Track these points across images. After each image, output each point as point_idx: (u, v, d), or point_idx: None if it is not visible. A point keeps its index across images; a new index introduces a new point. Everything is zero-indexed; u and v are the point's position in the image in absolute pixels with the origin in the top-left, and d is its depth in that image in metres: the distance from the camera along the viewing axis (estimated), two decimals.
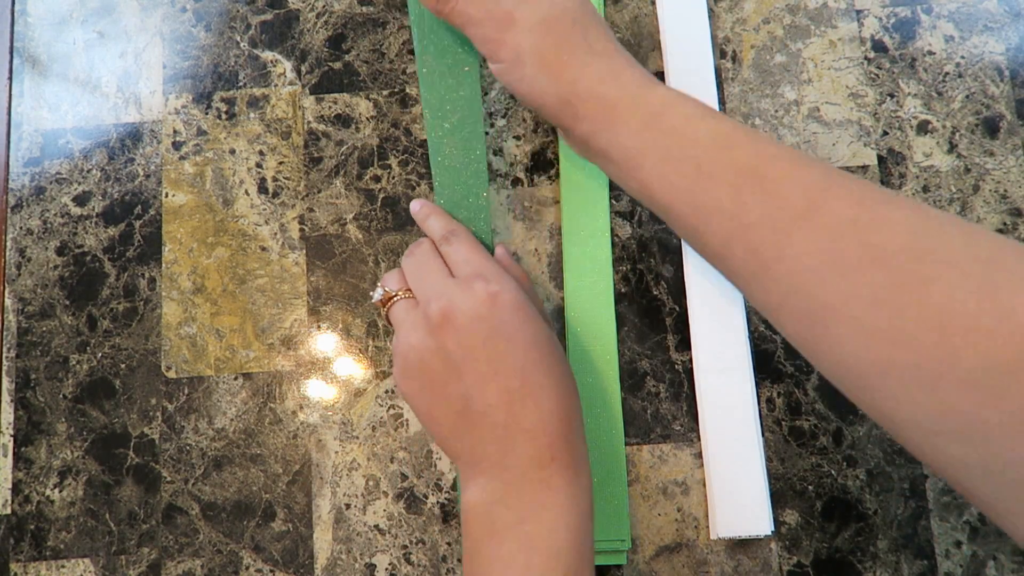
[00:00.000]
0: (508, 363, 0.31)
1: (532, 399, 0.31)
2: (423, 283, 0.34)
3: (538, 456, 0.30)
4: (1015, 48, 0.42)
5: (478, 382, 0.31)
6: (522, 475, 0.30)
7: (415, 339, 0.32)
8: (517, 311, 0.32)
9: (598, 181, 0.41)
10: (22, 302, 0.42)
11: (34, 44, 0.45)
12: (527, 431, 0.31)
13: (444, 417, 0.32)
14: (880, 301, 0.25)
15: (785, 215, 0.27)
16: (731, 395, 0.38)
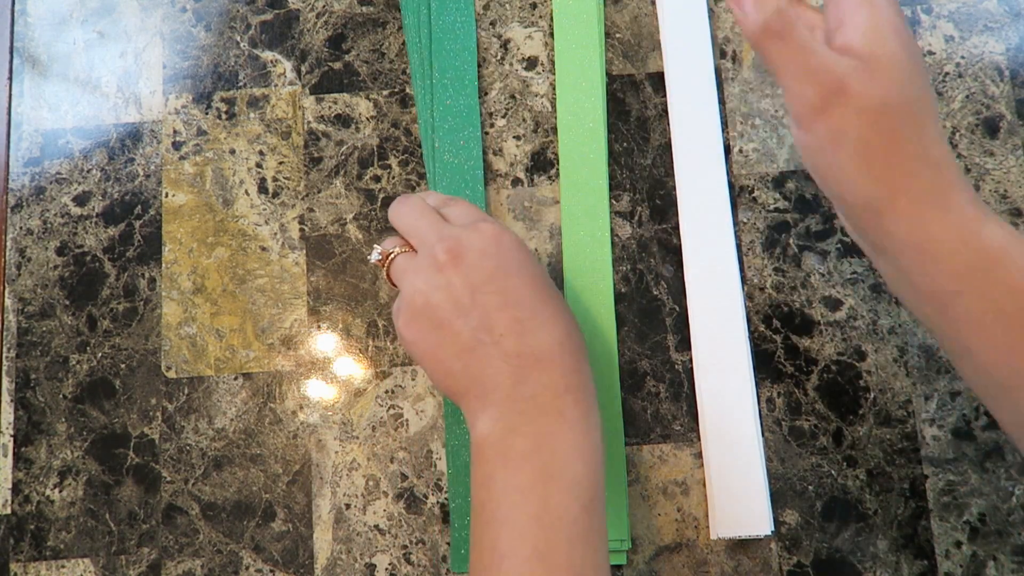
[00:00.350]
0: (517, 295, 0.31)
1: (544, 328, 0.31)
2: (423, 232, 0.33)
3: (552, 384, 0.30)
4: (1015, 48, 0.42)
5: (488, 313, 0.31)
6: (536, 404, 0.30)
7: (421, 282, 0.32)
8: (521, 250, 0.33)
9: (598, 181, 0.41)
10: (22, 302, 0.42)
11: (34, 44, 0.45)
12: (540, 360, 0.31)
13: (452, 355, 0.31)
14: None
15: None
16: (731, 395, 0.38)
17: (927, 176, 0.27)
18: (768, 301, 0.40)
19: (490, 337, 0.31)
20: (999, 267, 0.27)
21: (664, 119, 0.42)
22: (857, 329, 0.39)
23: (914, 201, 0.27)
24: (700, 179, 0.41)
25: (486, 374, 0.31)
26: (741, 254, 0.40)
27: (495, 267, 0.32)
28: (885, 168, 0.27)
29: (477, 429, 0.31)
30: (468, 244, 0.32)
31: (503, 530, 0.29)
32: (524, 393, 0.30)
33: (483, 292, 0.31)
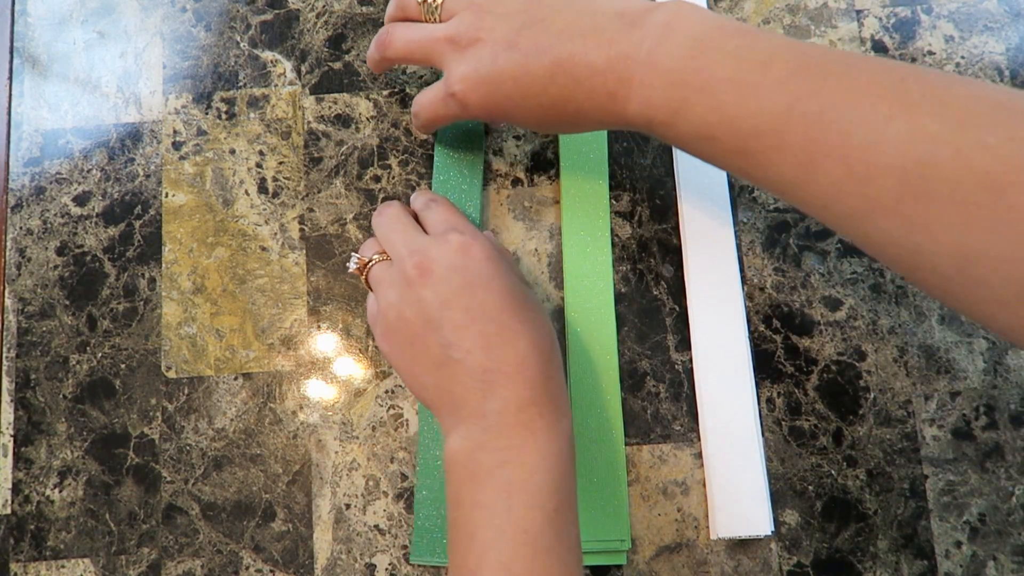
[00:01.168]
0: (484, 309, 0.31)
1: (509, 343, 0.31)
2: (396, 242, 0.34)
3: (517, 398, 0.31)
4: (1015, 48, 0.42)
5: (456, 329, 0.31)
6: (502, 419, 0.30)
7: (393, 296, 0.33)
8: (490, 261, 0.33)
9: (598, 181, 0.41)
10: (22, 302, 0.42)
11: (34, 44, 0.45)
12: (506, 374, 0.31)
13: (425, 370, 0.32)
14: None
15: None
16: (731, 395, 0.38)
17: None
18: (768, 301, 0.40)
19: (458, 353, 0.31)
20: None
21: None
22: (857, 329, 0.39)
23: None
24: (700, 179, 0.41)
25: (455, 390, 0.31)
26: (741, 254, 0.40)
27: (463, 281, 0.32)
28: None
29: (449, 445, 0.32)
30: (436, 258, 0.32)
31: (472, 545, 0.29)
32: (490, 408, 0.31)
33: (451, 307, 0.31)
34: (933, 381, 0.39)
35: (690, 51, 0.28)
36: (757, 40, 0.28)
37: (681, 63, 0.29)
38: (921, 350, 0.39)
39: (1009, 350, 0.39)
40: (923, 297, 0.39)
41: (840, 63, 0.26)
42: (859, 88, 0.25)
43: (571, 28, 0.31)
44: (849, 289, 0.40)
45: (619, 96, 0.30)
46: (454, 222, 0.35)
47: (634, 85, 0.30)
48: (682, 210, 0.40)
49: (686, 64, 0.28)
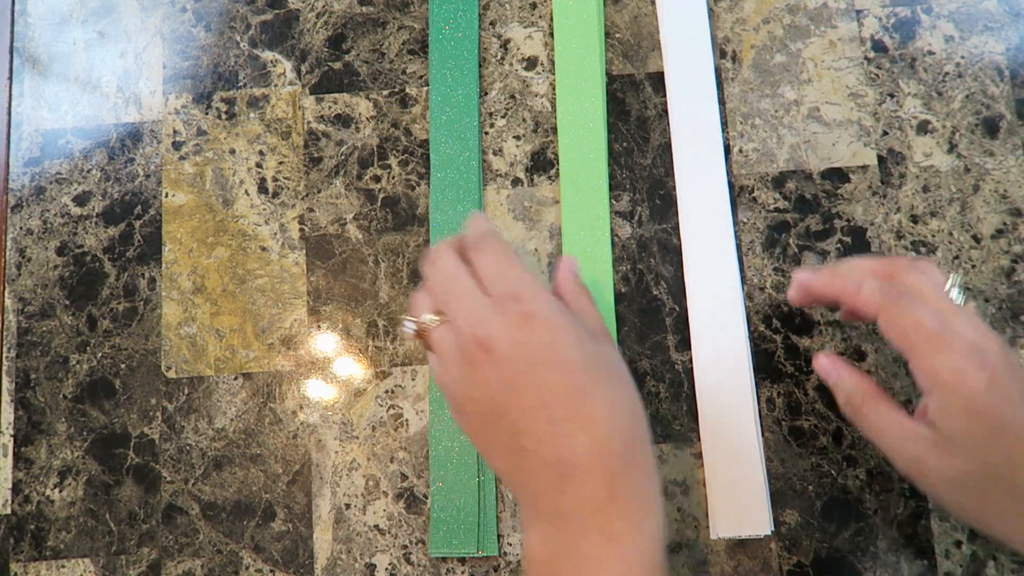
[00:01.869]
0: (553, 391, 0.28)
1: (583, 430, 0.28)
2: (454, 305, 0.31)
3: (595, 496, 0.27)
4: (1015, 48, 0.42)
5: (524, 415, 0.28)
6: (579, 522, 0.28)
7: (457, 374, 0.30)
8: (558, 332, 0.29)
9: (598, 181, 0.41)
10: (22, 302, 0.42)
11: (34, 44, 0.45)
12: (580, 467, 0.28)
13: (499, 455, 0.30)
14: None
15: None
16: (731, 395, 0.38)
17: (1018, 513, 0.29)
18: (768, 301, 0.40)
19: (529, 442, 0.28)
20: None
21: (664, 119, 0.42)
22: (857, 329, 0.39)
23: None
24: (700, 179, 0.41)
25: (529, 482, 0.29)
26: (741, 254, 0.40)
27: (527, 359, 0.29)
28: (984, 521, 0.30)
29: (527, 541, 0.29)
30: (497, 334, 0.29)
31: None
32: (565, 507, 0.28)
33: (517, 389, 0.29)
34: None
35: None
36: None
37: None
38: None
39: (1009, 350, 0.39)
40: None
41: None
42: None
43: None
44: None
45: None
46: (513, 279, 0.31)
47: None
48: (682, 210, 0.40)
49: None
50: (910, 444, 0.30)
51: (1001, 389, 0.28)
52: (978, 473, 0.29)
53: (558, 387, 0.29)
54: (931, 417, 0.29)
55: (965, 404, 0.28)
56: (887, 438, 0.31)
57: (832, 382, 0.34)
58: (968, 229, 0.40)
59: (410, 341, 0.40)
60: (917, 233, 0.40)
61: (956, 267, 0.40)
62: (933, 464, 0.30)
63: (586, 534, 0.27)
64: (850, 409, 0.33)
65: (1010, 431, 0.28)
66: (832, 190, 0.41)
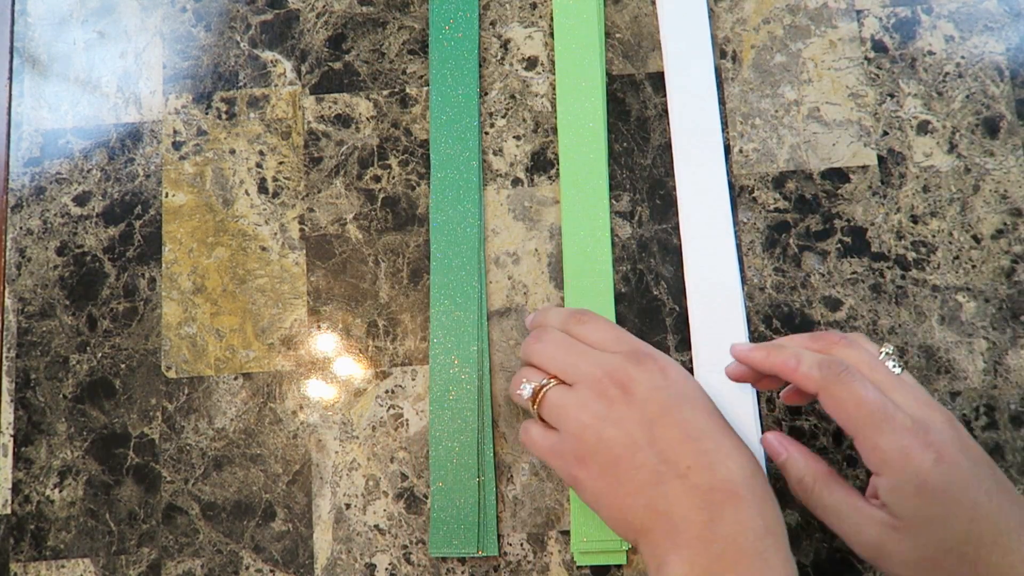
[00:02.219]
0: (697, 426, 0.30)
1: (732, 459, 0.29)
2: (579, 365, 0.32)
3: (751, 523, 0.28)
4: (1015, 48, 0.42)
5: (671, 446, 0.29)
6: (736, 547, 0.28)
7: (589, 416, 0.31)
8: (689, 381, 0.32)
9: (598, 181, 0.41)
10: (22, 302, 0.42)
11: (34, 44, 0.45)
12: (734, 495, 0.28)
13: (632, 490, 0.30)
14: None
15: None
16: (731, 395, 0.38)
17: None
18: (768, 301, 0.40)
19: (675, 471, 0.29)
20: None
21: (664, 119, 0.42)
22: (857, 329, 0.39)
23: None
24: (700, 179, 0.41)
25: (674, 510, 0.29)
26: (741, 254, 0.40)
27: (668, 398, 0.30)
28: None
29: (668, 570, 0.28)
30: (637, 377, 0.31)
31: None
32: (720, 533, 0.28)
33: (663, 424, 0.30)
34: (933, 381, 0.39)
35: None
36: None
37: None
38: (921, 350, 0.39)
39: (1009, 350, 0.39)
40: (923, 297, 0.39)
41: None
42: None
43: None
44: (849, 289, 0.40)
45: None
46: (632, 340, 0.33)
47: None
48: (682, 210, 0.40)
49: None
50: (866, 528, 0.29)
51: (949, 466, 0.27)
52: (939, 553, 0.28)
53: (701, 424, 0.30)
54: (883, 499, 0.28)
55: (915, 485, 0.28)
56: (842, 522, 0.30)
57: (780, 461, 0.32)
58: (968, 229, 0.40)
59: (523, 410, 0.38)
60: (917, 233, 0.40)
61: (956, 267, 0.40)
62: (892, 547, 0.28)
63: (744, 558, 0.27)
64: (802, 491, 0.31)
65: (964, 508, 0.27)
66: (832, 190, 0.41)
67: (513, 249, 0.41)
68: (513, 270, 0.41)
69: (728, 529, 0.28)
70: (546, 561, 0.38)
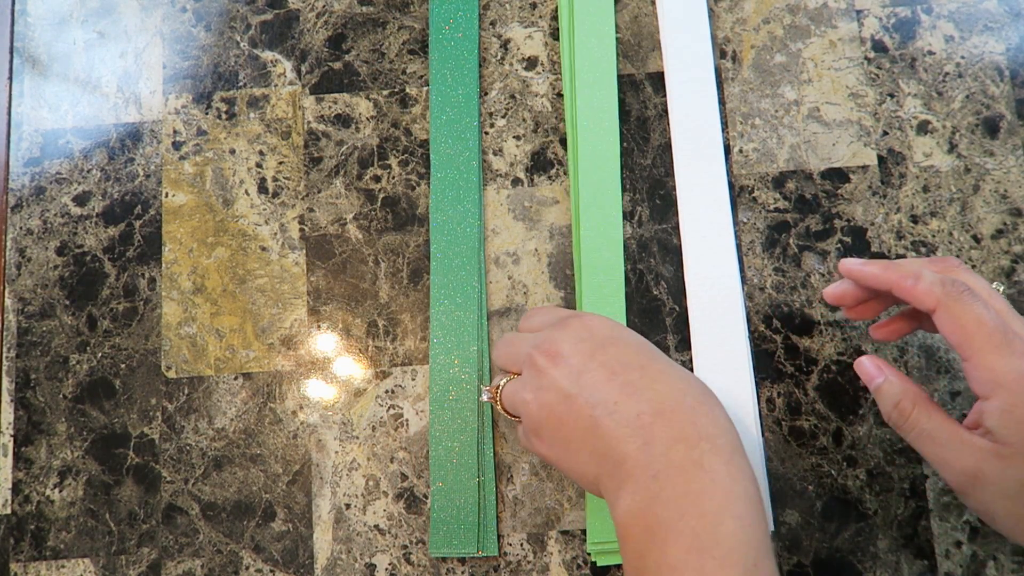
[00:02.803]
0: (623, 361, 0.30)
1: (659, 382, 0.30)
2: (518, 351, 0.33)
3: (683, 435, 0.28)
4: (1015, 48, 0.42)
5: (598, 387, 0.30)
6: (670, 462, 0.28)
7: (529, 393, 0.32)
8: (614, 326, 0.32)
9: (611, 184, 0.41)
10: (22, 302, 0.42)
11: (34, 44, 0.45)
12: (662, 412, 0.29)
13: (578, 445, 0.30)
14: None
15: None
16: (731, 395, 0.38)
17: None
18: (768, 301, 0.40)
19: (606, 410, 0.29)
20: None
21: (664, 119, 0.42)
22: (857, 329, 0.39)
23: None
24: (700, 179, 0.41)
25: (611, 447, 0.29)
26: (741, 254, 0.40)
27: (591, 346, 0.31)
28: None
29: (619, 509, 0.29)
30: (560, 339, 0.31)
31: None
32: (655, 453, 0.28)
33: (588, 370, 0.30)
34: (933, 381, 0.39)
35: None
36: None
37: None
38: (921, 350, 0.39)
39: None
40: None
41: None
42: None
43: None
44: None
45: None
46: (563, 311, 0.34)
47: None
48: (682, 210, 0.40)
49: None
50: (966, 454, 0.29)
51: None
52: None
53: (625, 357, 0.31)
54: (989, 424, 0.28)
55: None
56: (940, 448, 0.29)
57: (876, 385, 0.32)
58: (968, 229, 0.40)
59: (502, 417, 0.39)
60: (917, 233, 0.40)
61: None
62: (992, 476, 0.28)
63: (680, 473, 0.28)
64: (898, 415, 0.31)
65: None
66: (832, 190, 0.41)
67: (513, 249, 0.41)
68: (513, 270, 0.41)
69: (659, 448, 0.28)
70: (546, 561, 0.38)
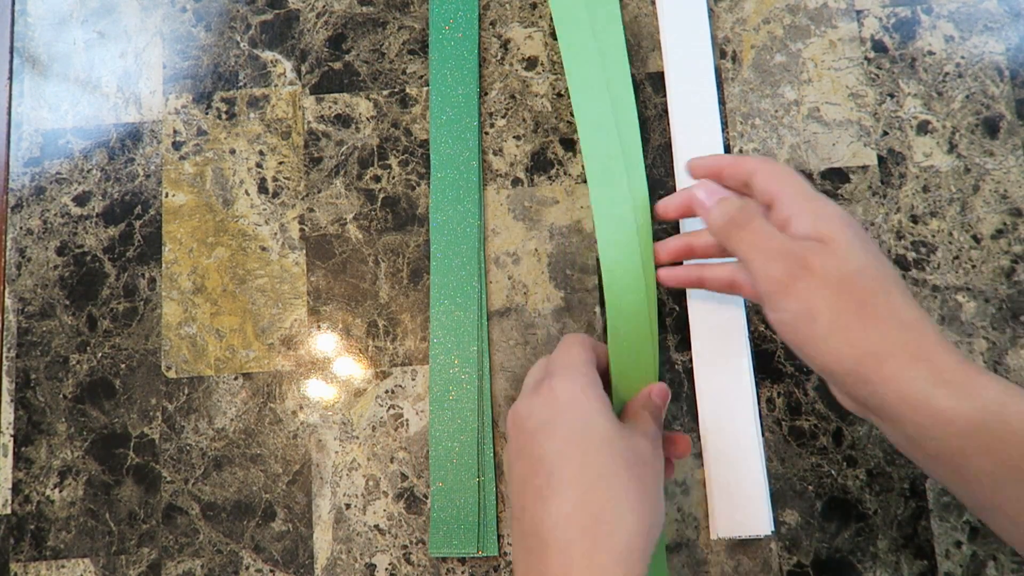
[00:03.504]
0: (546, 457, 0.30)
1: (555, 495, 0.29)
2: (526, 388, 0.34)
3: (547, 573, 0.28)
4: (1015, 48, 0.42)
5: (521, 480, 0.31)
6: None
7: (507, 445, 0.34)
8: (571, 406, 0.31)
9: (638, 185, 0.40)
10: (22, 302, 0.42)
11: (34, 44, 0.45)
12: (542, 539, 0.29)
13: (513, 516, 0.32)
14: None
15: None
16: (731, 395, 0.38)
17: (907, 338, 0.27)
18: None
19: (517, 514, 0.31)
20: (1003, 423, 0.25)
21: (664, 119, 0.42)
22: None
23: (900, 365, 0.27)
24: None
25: (513, 551, 0.31)
26: None
27: (534, 426, 0.31)
28: (861, 333, 0.27)
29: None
30: (524, 411, 0.32)
31: None
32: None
33: (519, 459, 0.31)
34: None
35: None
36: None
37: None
38: None
39: (1009, 350, 0.39)
40: (923, 297, 0.39)
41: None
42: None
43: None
44: None
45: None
46: (554, 363, 0.34)
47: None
48: None
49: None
50: (791, 253, 0.29)
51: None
52: (858, 268, 0.29)
53: (549, 454, 0.30)
54: (806, 229, 0.30)
55: (835, 212, 0.30)
56: (771, 241, 0.30)
57: (716, 200, 0.34)
58: (968, 229, 0.40)
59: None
60: (917, 233, 0.40)
61: (956, 267, 0.40)
62: (818, 265, 0.29)
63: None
64: (733, 225, 0.32)
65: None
66: (832, 190, 0.41)
67: (513, 249, 0.41)
68: (513, 270, 0.41)
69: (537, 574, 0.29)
70: None
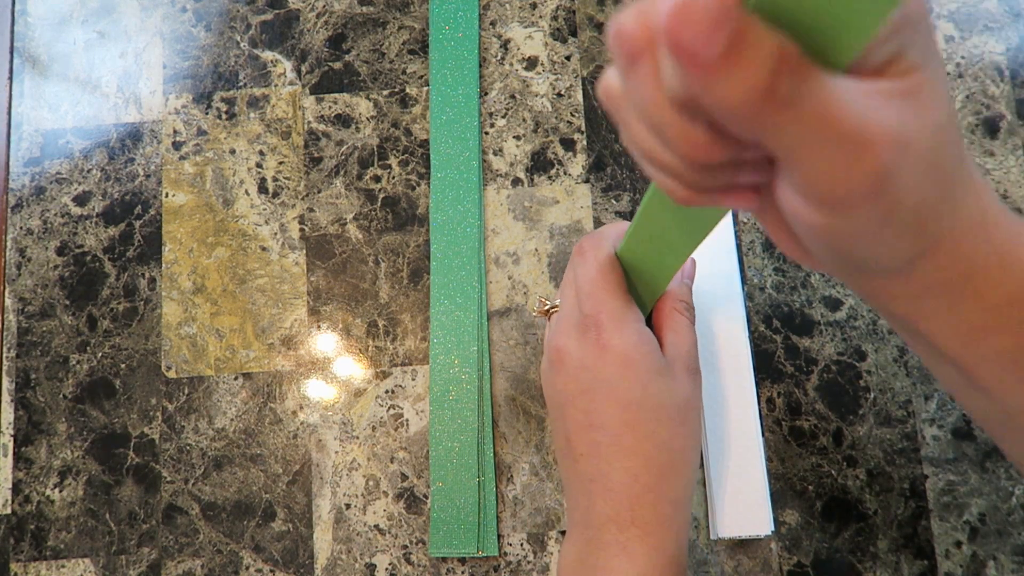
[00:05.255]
0: (602, 417, 0.31)
1: (618, 457, 0.30)
2: (560, 304, 0.34)
3: (617, 517, 0.30)
4: (1015, 48, 0.42)
5: (575, 429, 0.31)
6: (601, 535, 0.30)
7: (545, 364, 0.33)
8: (626, 367, 0.30)
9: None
10: (22, 302, 0.42)
11: (34, 44, 0.45)
12: (609, 489, 0.30)
13: (558, 448, 0.33)
14: None
15: None
16: (731, 395, 0.38)
17: (970, 206, 0.22)
18: (768, 301, 0.40)
19: (572, 453, 0.31)
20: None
21: None
22: (857, 329, 0.39)
23: (963, 231, 0.22)
24: None
25: (570, 487, 0.32)
26: (741, 254, 0.40)
27: (590, 382, 0.31)
28: (943, 194, 0.20)
29: (563, 547, 0.32)
30: (572, 352, 0.31)
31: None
32: (592, 521, 0.30)
33: (574, 406, 0.31)
34: (933, 381, 0.39)
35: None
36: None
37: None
38: None
39: None
40: None
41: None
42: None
43: None
44: (849, 289, 0.40)
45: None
46: (598, 302, 0.31)
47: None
48: None
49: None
50: (884, 107, 0.18)
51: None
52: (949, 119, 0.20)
53: (607, 415, 0.31)
54: (910, 56, 0.18)
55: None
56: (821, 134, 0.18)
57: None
58: None
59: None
60: None
61: None
62: (914, 131, 0.18)
63: (605, 546, 0.30)
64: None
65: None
66: None
67: (513, 249, 0.41)
68: (513, 270, 0.41)
69: (598, 519, 0.30)
70: (546, 561, 0.38)
